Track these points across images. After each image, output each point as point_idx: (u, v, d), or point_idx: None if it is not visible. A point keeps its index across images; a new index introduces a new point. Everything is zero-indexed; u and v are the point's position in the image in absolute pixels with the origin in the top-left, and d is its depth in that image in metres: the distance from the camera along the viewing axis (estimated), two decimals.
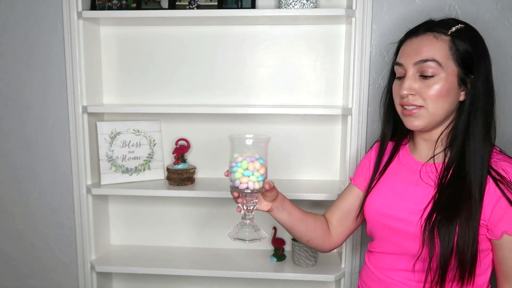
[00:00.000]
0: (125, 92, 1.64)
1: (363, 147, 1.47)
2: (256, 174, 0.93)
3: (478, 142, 0.93)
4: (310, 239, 1.14)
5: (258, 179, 0.93)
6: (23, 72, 1.55)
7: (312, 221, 1.13)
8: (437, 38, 0.94)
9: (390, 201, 1.02)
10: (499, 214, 0.89)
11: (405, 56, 0.97)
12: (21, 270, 1.69)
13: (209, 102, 1.61)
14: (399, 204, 1.00)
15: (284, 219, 1.09)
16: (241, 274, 1.53)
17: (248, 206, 0.97)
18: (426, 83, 0.94)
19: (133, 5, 1.48)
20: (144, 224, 1.72)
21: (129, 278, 1.76)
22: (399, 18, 1.43)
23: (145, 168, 1.62)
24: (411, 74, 0.95)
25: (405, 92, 0.95)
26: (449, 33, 0.94)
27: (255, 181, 0.93)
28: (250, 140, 0.94)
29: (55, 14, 1.50)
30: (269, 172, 1.04)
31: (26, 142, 1.60)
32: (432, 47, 0.93)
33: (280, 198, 1.07)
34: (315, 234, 1.14)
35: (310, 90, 1.59)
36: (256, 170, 0.92)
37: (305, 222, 1.11)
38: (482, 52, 0.95)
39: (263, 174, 0.94)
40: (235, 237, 0.98)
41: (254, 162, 0.92)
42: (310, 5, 1.40)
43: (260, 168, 0.93)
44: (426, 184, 0.98)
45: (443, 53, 0.93)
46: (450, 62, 0.93)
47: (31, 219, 1.65)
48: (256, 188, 0.93)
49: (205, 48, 1.59)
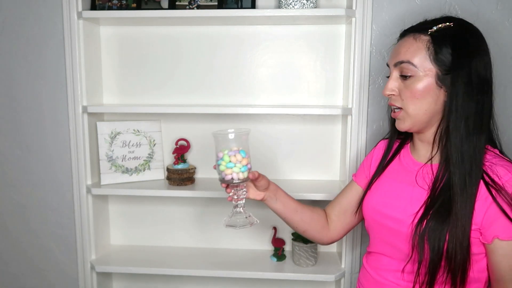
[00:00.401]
0: (125, 92, 1.64)
1: (363, 147, 1.47)
2: (239, 165, 1.00)
3: (459, 143, 0.91)
4: (306, 230, 1.17)
5: (241, 169, 1.00)
6: (23, 72, 1.56)
7: (308, 214, 1.16)
8: (416, 39, 0.94)
9: (386, 200, 1.03)
10: (491, 219, 0.88)
11: (389, 57, 1.01)
12: (20, 270, 1.69)
13: (209, 102, 1.61)
14: (395, 204, 1.00)
15: (278, 208, 1.13)
16: (241, 274, 1.53)
17: (238, 196, 1.04)
18: (405, 84, 0.95)
19: (133, 5, 1.48)
20: (144, 224, 1.72)
21: (129, 278, 1.76)
22: (399, 18, 1.43)
23: (145, 168, 1.62)
24: (394, 75, 0.97)
25: (387, 93, 0.98)
26: (429, 32, 0.93)
27: (238, 172, 1.00)
28: (232, 135, 1.01)
29: (55, 14, 1.50)
30: (270, 172, 1.25)
31: (26, 142, 1.60)
32: (409, 48, 0.94)
33: (272, 188, 1.11)
34: (311, 226, 1.16)
35: (310, 90, 1.59)
36: (238, 161, 1.00)
37: (300, 214, 1.15)
38: (466, 49, 0.91)
39: (245, 164, 1.01)
40: (227, 224, 1.06)
41: (236, 155, 1.00)
42: (310, 5, 1.40)
43: (242, 159, 1.00)
44: (421, 186, 0.97)
45: (419, 54, 0.93)
46: (427, 62, 0.92)
47: (31, 219, 1.65)
48: (241, 178, 1.01)
49: (205, 48, 1.59)
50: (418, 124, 0.96)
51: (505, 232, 0.87)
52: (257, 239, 1.69)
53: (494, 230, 0.88)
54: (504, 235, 0.87)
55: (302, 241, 1.54)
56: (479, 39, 0.93)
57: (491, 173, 0.89)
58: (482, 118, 0.91)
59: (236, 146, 1.01)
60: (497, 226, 0.87)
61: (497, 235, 0.87)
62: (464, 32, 0.93)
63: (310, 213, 1.17)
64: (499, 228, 0.87)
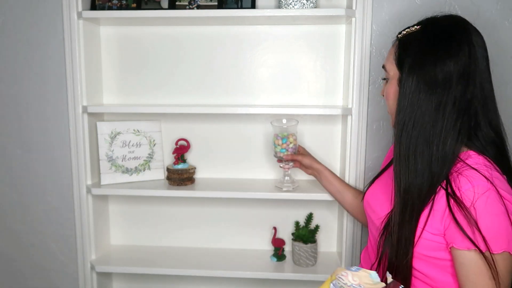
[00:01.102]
0: (125, 92, 1.64)
1: (363, 147, 1.47)
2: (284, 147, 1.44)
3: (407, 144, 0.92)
4: (348, 210, 1.40)
5: (281, 150, 1.44)
6: (23, 72, 1.56)
7: (350, 196, 1.36)
8: (393, 44, 1.01)
9: (375, 193, 1.09)
10: (449, 227, 0.87)
11: None
12: (21, 270, 1.69)
13: (209, 102, 1.61)
14: (380, 198, 1.05)
15: (324, 186, 1.43)
16: (241, 274, 1.53)
17: (285, 168, 1.48)
18: (385, 86, 1.03)
19: (133, 5, 1.48)
20: (144, 224, 1.72)
21: (129, 278, 1.76)
22: (399, 18, 1.43)
23: (145, 168, 1.62)
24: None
25: (382, 94, 1.06)
26: (397, 37, 0.99)
27: (284, 153, 1.43)
28: (285, 124, 1.46)
29: (55, 14, 1.50)
30: (270, 171, 1.65)
31: (26, 142, 1.60)
32: (388, 53, 1.01)
33: (316, 167, 1.41)
34: (351, 208, 1.37)
35: (310, 90, 1.59)
36: (284, 146, 1.43)
37: (342, 195, 1.38)
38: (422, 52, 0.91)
39: (287, 149, 1.43)
40: (276, 185, 1.52)
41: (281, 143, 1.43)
42: (310, 5, 1.40)
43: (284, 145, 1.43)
44: None
45: (390, 59, 0.99)
46: (393, 66, 0.97)
47: (31, 219, 1.65)
48: (282, 156, 1.45)
49: (205, 48, 1.59)
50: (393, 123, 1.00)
51: (460, 242, 0.85)
52: (257, 239, 1.69)
53: (451, 238, 0.87)
54: (459, 244, 0.85)
55: (302, 241, 1.54)
56: (451, 39, 0.90)
57: (453, 181, 0.88)
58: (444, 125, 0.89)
59: (286, 132, 1.44)
60: (454, 235, 0.86)
61: (452, 243, 0.87)
62: (427, 35, 0.93)
63: (352, 196, 1.36)
64: (455, 237, 0.86)
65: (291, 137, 1.43)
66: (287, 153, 1.43)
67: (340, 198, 1.39)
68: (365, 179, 1.50)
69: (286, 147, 1.43)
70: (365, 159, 1.49)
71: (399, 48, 0.96)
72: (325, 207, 1.64)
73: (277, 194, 1.47)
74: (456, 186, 0.86)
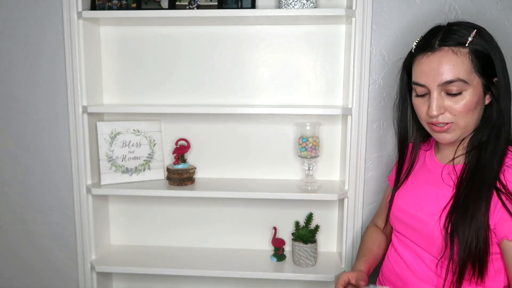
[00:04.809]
0: (125, 92, 1.64)
1: (363, 147, 1.47)
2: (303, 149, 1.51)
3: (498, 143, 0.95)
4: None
5: (301, 149, 1.51)
6: (23, 72, 1.55)
7: (378, 252, 1.26)
8: (456, 54, 0.92)
9: (413, 201, 1.06)
10: (501, 220, 0.89)
11: (426, 76, 0.96)
12: (20, 270, 1.69)
13: (209, 102, 1.61)
14: (421, 205, 1.03)
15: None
16: (241, 274, 1.53)
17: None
18: (453, 100, 0.94)
19: (133, 5, 1.48)
20: (144, 224, 1.72)
21: (129, 278, 1.76)
22: (399, 18, 1.43)
23: (145, 168, 1.62)
24: (436, 94, 0.95)
25: (435, 113, 0.95)
26: (467, 45, 0.92)
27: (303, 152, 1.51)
28: (308, 125, 1.50)
29: (55, 14, 1.50)
30: (270, 171, 1.61)
31: (26, 142, 1.60)
32: (455, 65, 0.92)
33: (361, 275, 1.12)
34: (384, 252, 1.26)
35: (310, 90, 1.59)
36: (305, 146, 1.50)
37: (378, 257, 1.25)
38: (495, 49, 0.95)
39: (306, 148, 1.50)
40: (300, 186, 1.53)
41: (301, 143, 1.50)
42: (310, 5, 1.40)
43: (305, 143, 1.49)
44: (447, 185, 1.00)
45: (466, 69, 0.92)
46: (473, 75, 0.92)
47: (31, 219, 1.65)
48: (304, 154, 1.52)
49: (205, 48, 1.59)
50: (466, 133, 0.98)
51: None
52: (257, 239, 1.69)
53: (503, 231, 0.89)
54: None
55: (302, 241, 1.54)
56: (491, 35, 0.97)
57: (502, 177, 0.91)
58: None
59: (309, 133, 1.49)
60: (506, 227, 0.88)
61: (506, 235, 0.88)
62: (485, 32, 0.96)
63: (378, 249, 1.26)
64: (507, 229, 0.88)
65: (311, 138, 1.50)
66: (306, 152, 1.49)
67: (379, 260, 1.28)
68: (365, 179, 1.50)
69: (305, 146, 1.49)
70: (365, 159, 1.49)
71: (477, 54, 0.93)
72: (325, 207, 1.64)
73: (277, 194, 1.48)
74: (506, 179, 0.90)
